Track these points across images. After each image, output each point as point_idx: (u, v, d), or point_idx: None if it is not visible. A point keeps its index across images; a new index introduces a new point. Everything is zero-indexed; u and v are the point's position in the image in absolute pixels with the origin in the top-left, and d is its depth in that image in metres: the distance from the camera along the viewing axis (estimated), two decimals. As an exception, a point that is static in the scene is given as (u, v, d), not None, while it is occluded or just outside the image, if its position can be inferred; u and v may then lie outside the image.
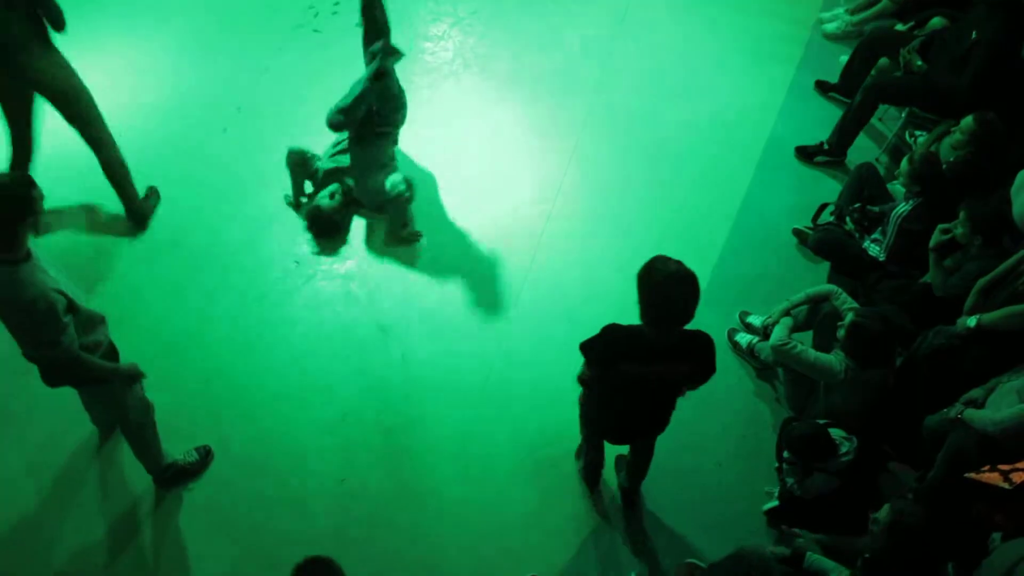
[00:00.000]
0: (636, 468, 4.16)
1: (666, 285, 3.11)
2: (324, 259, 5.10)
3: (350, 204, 5.26)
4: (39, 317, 3.12)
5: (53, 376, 3.49)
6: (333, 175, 5.20)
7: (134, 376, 3.67)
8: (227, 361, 4.62)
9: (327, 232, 5.20)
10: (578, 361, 3.49)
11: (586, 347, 3.40)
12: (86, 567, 3.93)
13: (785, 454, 4.10)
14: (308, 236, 5.18)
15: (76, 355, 3.31)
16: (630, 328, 3.32)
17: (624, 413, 3.70)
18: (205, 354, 4.63)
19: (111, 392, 3.65)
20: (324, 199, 5.14)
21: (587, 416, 3.93)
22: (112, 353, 3.68)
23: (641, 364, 3.31)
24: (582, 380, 3.63)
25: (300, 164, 5.14)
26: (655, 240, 5.30)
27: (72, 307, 3.27)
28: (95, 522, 4.06)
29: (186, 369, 4.53)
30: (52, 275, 3.22)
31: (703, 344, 3.38)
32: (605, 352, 3.36)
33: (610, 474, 4.30)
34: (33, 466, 4.19)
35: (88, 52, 5.31)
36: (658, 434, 3.88)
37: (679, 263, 3.16)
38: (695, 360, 3.38)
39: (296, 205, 5.29)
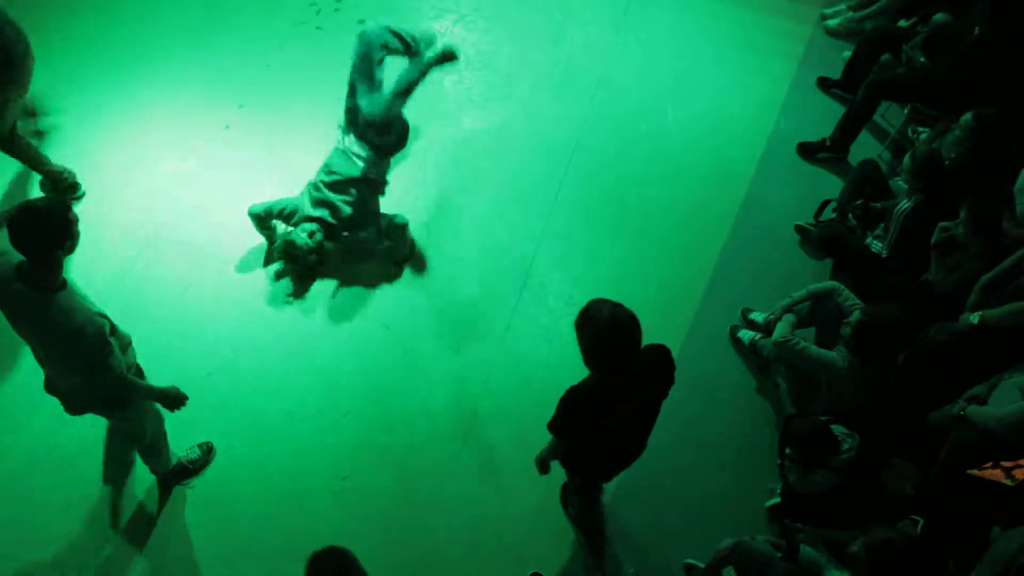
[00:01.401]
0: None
1: (604, 331, 3.01)
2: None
3: (327, 243, 4.87)
4: (90, 341, 3.08)
5: (88, 398, 3.46)
6: (318, 211, 4.79)
7: (178, 400, 3.61)
8: (228, 359, 4.62)
9: (301, 271, 4.95)
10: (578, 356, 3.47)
11: (556, 427, 3.29)
12: (88, 562, 3.94)
13: (787, 450, 4.10)
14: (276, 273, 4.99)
15: (125, 378, 3.30)
16: (589, 383, 3.19)
17: (614, 455, 3.63)
18: (207, 351, 4.63)
19: (137, 414, 3.65)
20: (301, 236, 4.71)
21: (574, 466, 3.78)
22: (138, 374, 3.67)
23: (614, 410, 3.21)
24: (542, 461, 3.56)
25: (259, 220, 4.85)
26: (656, 237, 5.30)
27: (114, 330, 3.26)
28: (97, 517, 4.08)
29: (188, 367, 4.53)
30: (88, 298, 3.21)
31: (661, 356, 3.29)
32: (578, 421, 3.24)
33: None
34: (33, 461, 4.19)
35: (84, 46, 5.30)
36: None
37: (615, 305, 3.05)
38: (659, 378, 3.30)
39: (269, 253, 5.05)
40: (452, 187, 5.50)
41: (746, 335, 4.78)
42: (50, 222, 3.00)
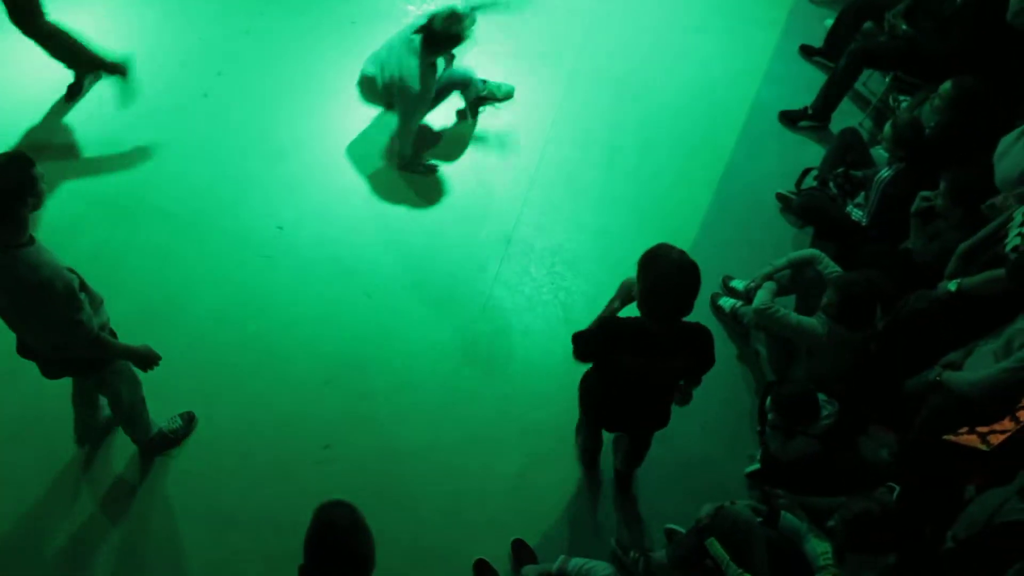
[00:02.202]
0: (632, 454, 4.15)
1: (670, 274, 3.08)
2: (307, 224, 5.06)
3: None
4: (59, 296, 3.05)
5: (64, 361, 3.43)
6: None
7: (149, 358, 3.57)
8: (209, 328, 4.60)
9: None
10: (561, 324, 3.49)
11: (579, 339, 3.36)
12: (71, 534, 3.93)
13: (769, 416, 4.13)
14: None
15: (96, 335, 3.26)
16: (629, 320, 3.30)
17: (621, 404, 3.70)
18: (187, 321, 4.61)
19: (114, 378, 3.62)
20: None
21: (585, 401, 3.92)
22: (111, 336, 3.63)
23: (640, 356, 3.27)
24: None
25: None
26: (638, 205, 5.31)
27: (84, 285, 3.22)
28: (80, 489, 4.06)
29: (168, 336, 4.48)
30: (59, 259, 3.16)
31: (703, 338, 3.38)
32: (603, 346, 3.34)
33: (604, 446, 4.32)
34: (15, 435, 4.17)
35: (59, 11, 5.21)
36: (657, 429, 3.89)
37: (682, 252, 3.13)
38: (694, 353, 3.38)
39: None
40: (431, 155, 5.46)
41: (727, 303, 4.80)
42: (10, 177, 2.98)
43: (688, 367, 3.44)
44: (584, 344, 3.36)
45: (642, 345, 3.25)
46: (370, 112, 5.54)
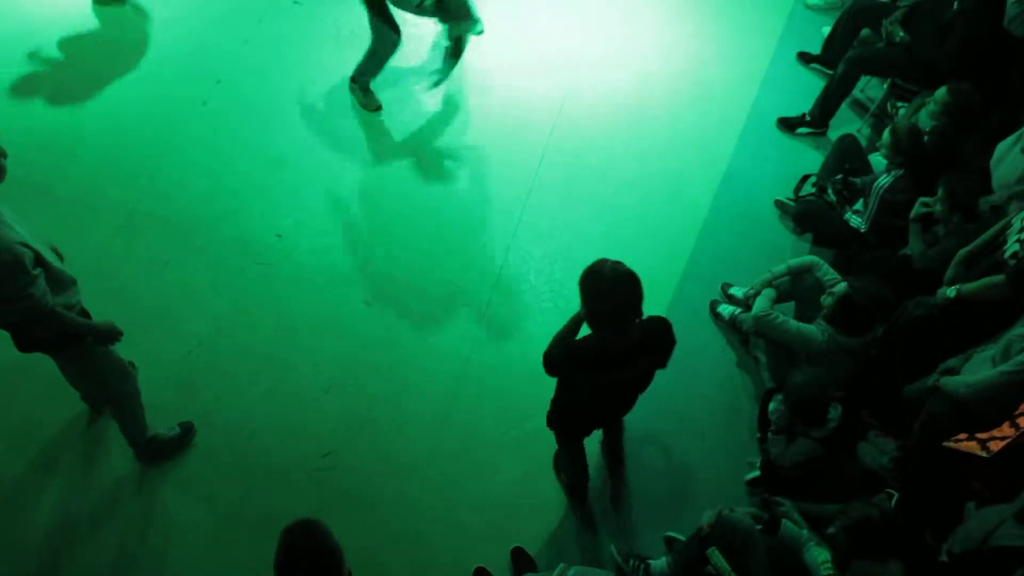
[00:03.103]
0: (612, 445, 4.23)
1: (606, 289, 3.13)
2: (306, 232, 5.06)
3: None
4: (4, 271, 3.01)
5: (27, 336, 3.39)
6: None
7: (111, 334, 3.54)
8: (207, 335, 4.59)
9: None
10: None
11: (547, 364, 3.39)
12: (68, 540, 3.92)
13: (772, 419, 4.13)
14: None
15: (51, 308, 3.21)
16: (591, 340, 3.31)
17: (597, 413, 3.81)
18: (185, 328, 4.60)
19: (88, 359, 3.60)
20: None
21: (561, 424, 3.92)
22: (83, 315, 3.60)
23: (608, 373, 3.32)
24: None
25: None
26: (636, 212, 5.31)
27: (40, 261, 3.17)
28: (77, 496, 4.06)
29: (166, 343, 4.51)
30: (18, 230, 3.11)
31: (662, 330, 3.42)
32: (570, 369, 3.39)
33: (591, 444, 4.31)
34: (14, 440, 4.17)
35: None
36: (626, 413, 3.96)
37: (616, 263, 3.17)
38: (658, 348, 3.44)
39: None
40: (430, 162, 5.47)
41: (726, 310, 4.80)
42: None
43: (655, 363, 3.50)
44: (554, 368, 3.40)
45: (606, 361, 3.27)
46: (369, 118, 5.55)
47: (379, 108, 5.66)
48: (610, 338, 3.23)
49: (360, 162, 5.44)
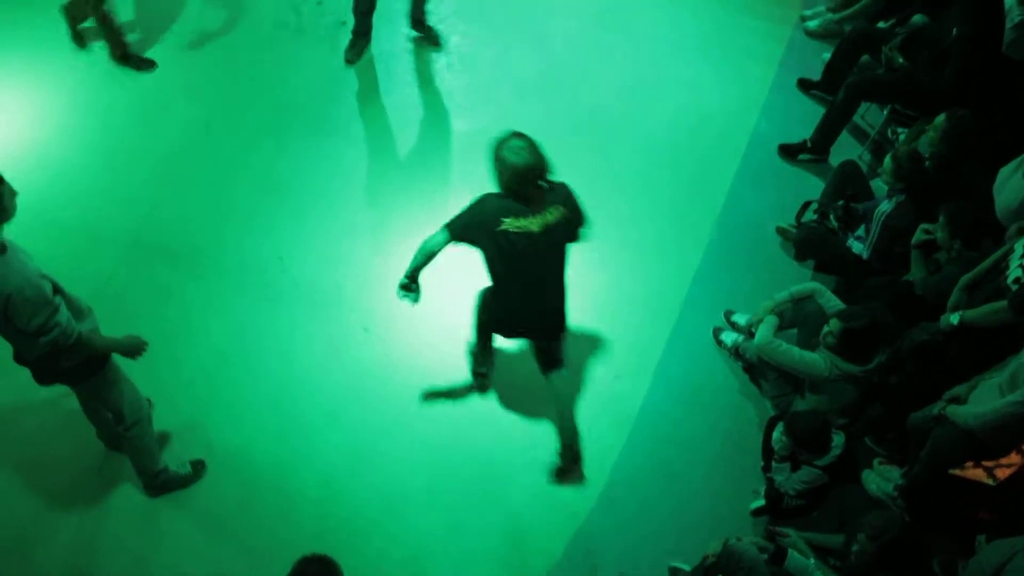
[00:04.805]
0: (549, 362, 4.28)
1: (514, 155, 3.63)
2: (310, 260, 5.07)
3: None
4: (28, 305, 3.06)
5: (51, 368, 3.42)
6: None
7: (136, 347, 3.59)
8: (210, 363, 4.60)
9: None
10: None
11: (452, 223, 3.79)
12: (70, 566, 3.91)
13: (776, 447, 4.11)
14: None
15: (78, 335, 3.25)
16: (495, 194, 3.76)
17: (520, 297, 3.93)
18: (188, 356, 4.61)
19: (107, 390, 3.61)
20: None
21: (483, 315, 4.25)
22: None
23: (520, 216, 3.69)
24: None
25: None
26: (636, 237, 5.30)
27: (58, 289, 3.21)
28: (84, 525, 4.05)
29: (169, 372, 4.51)
30: (33, 265, 3.17)
31: (566, 188, 3.91)
32: (487, 211, 3.72)
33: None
34: (23, 470, 4.17)
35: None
36: (560, 332, 4.16)
37: (519, 135, 3.70)
38: (567, 202, 3.85)
39: None
40: (430, 188, 5.47)
41: (729, 337, 4.78)
42: None
43: (568, 224, 3.85)
44: (458, 223, 3.79)
45: (517, 208, 3.70)
46: (373, 144, 5.56)
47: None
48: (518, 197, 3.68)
49: (362, 189, 5.46)
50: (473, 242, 3.80)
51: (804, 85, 6.30)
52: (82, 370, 3.49)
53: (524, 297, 3.92)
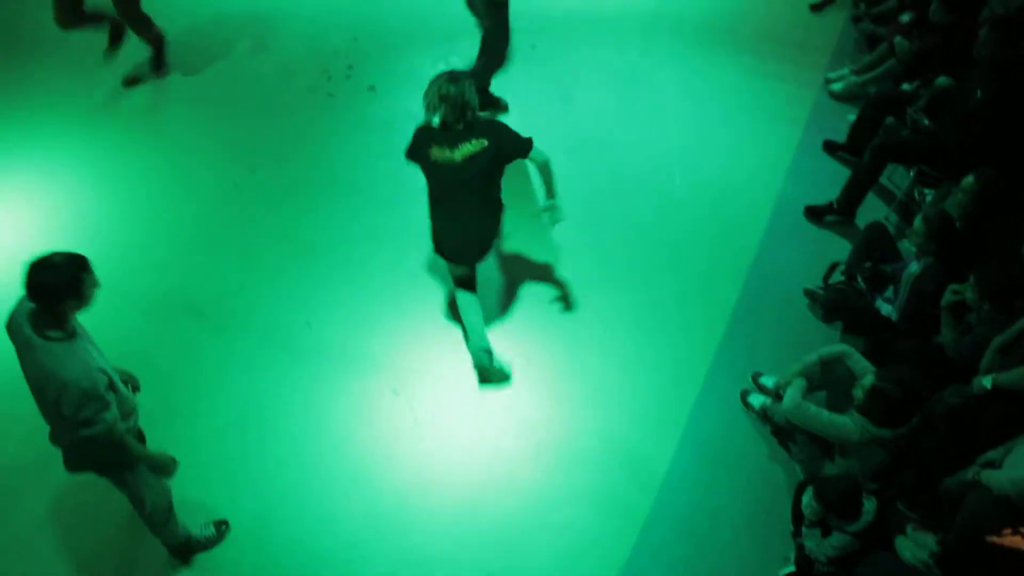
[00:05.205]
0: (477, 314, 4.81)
1: (438, 90, 4.18)
2: (338, 322, 5.11)
3: None
4: (81, 396, 3.14)
5: (83, 458, 3.47)
6: None
7: (165, 467, 3.66)
8: (235, 423, 4.63)
9: None
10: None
11: (407, 151, 4.36)
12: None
13: (806, 512, 4.04)
14: None
15: (120, 436, 3.33)
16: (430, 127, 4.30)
17: (454, 214, 4.46)
18: (213, 416, 4.65)
19: (132, 483, 3.64)
20: None
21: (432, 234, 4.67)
22: (139, 438, 3.68)
23: (441, 147, 4.22)
24: None
25: None
26: (663, 297, 5.29)
27: (113, 385, 3.30)
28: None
29: (193, 431, 4.55)
30: (95, 354, 3.28)
31: (492, 122, 4.39)
32: (419, 139, 4.29)
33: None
34: (55, 524, 4.20)
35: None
36: (484, 252, 4.66)
37: (452, 73, 4.21)
38: (489, 132, 4.27)
39: None
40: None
41: (757, 400, 4.74)
42: (62, 275, 3.14)
43: (494, 149, 4.26)
44: (409, 151, 4.36)
45: (441, 138, 4.23)
46: (401, 209, 5.63)
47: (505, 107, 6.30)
48: (450, 125, 4.22)
49: (387, 253, 5.51)
50: (417, 164, 4.38)
51: (830, 147, 6.33)
52: (112, 464, 3.54)
53: (448, 221, 4.52)
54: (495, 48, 5.94)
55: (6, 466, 4.41)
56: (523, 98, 6.51)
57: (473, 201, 4.43)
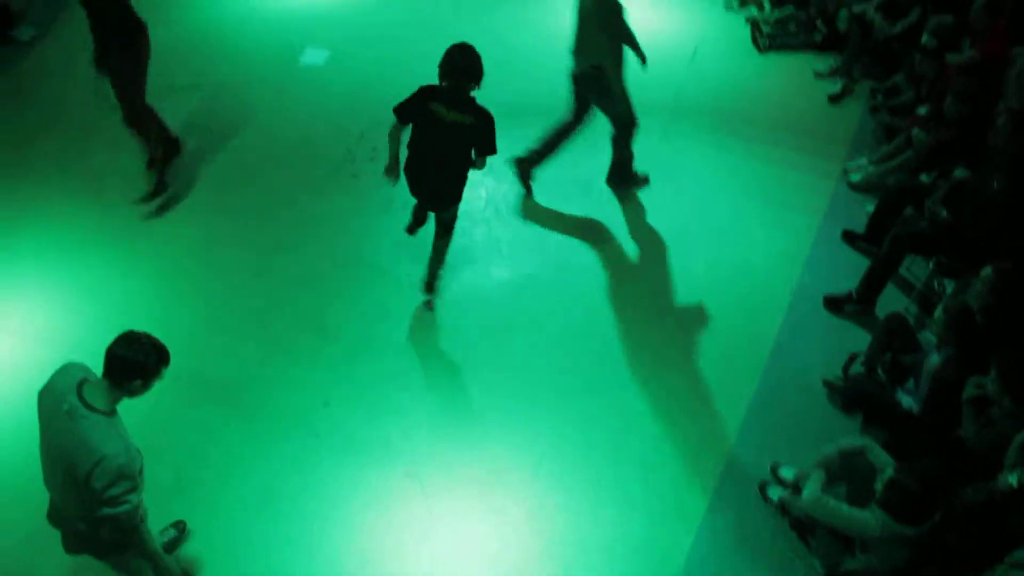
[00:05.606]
0: (434, 253, 5.46)
1: (452, 50, 4.74)
2: (353, 401, 5.11)
3: None
4: (115, 472, 3.13)
5: (88, 538, 3.43)
6: None
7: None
8: (251, 503, 4.60)
9: None
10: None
11: (398, 106, 4.84)
12: None
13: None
14: None
15: (138, 523, 3.32)
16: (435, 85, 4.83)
17: (424, 158, 4.97)
18: (227, 495, 4.62)
19: (134, 563, 3.60)
20: None
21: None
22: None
23: (439, 104, 4.75)
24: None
25: None
26: (682, 389, 5.26)
27: (142, 472, 3.31)
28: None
29: (205, 509, 4.52)
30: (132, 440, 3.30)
31: (485, 112, 4.80)
32: (422, 93, 4.80)
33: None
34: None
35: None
36: (451, 203, 5.14)
37: (463, 44, 4.75)
38: (478, 117, 4.76)
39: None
40: (478, 334, 5.55)
41: (775, 492, 4.65)
42: (149, 355, 3.26)
43: (472, 130, 4.78)
44: (400, 106, 4.84)
45: (444, 97, 4.76)
46: (416, 291, 5.67)
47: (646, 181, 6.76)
48: (448, 87, 4.77)
49: (404, 333, 5.55)
50: (408, 115, 4.86)
51: (849, 237, 6.34)
52: (113, 546, 3.50)
53: (419, 165, 5.00)
54: (627, 132, 6.25)
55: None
56: (545, 187, 6.58)
57: (440, 155, 4.92)
